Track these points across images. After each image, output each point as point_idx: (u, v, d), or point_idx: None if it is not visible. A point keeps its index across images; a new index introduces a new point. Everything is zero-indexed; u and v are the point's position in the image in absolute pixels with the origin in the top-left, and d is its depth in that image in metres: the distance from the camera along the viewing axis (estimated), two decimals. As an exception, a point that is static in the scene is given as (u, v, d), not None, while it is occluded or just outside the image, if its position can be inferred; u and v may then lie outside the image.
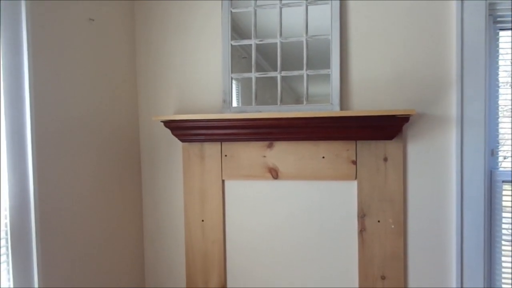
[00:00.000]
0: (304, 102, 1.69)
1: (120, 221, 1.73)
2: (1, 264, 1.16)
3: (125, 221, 1.77)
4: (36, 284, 1.22)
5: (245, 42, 1.74)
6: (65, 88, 1.40)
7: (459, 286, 1.61)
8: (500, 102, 1.61)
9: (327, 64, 1.66)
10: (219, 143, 1.78)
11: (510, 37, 1.59)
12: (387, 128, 1.57)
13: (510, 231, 1.60)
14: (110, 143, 1.66)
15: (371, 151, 1.67)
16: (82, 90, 1.49)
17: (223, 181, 1.80)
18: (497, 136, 1.61)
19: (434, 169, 1.63)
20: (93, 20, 1.54)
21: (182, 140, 1.76)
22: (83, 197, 1.49)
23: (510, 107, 1.60)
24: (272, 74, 1.73)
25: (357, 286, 1.71)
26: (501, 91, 1.61)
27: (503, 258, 1.61)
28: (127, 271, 1.79)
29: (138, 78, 1.88)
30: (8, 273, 1.19)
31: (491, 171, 1.60)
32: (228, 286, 1.84)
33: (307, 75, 1.68)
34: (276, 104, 1.72)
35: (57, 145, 1.35)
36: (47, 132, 1.31)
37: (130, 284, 1.81)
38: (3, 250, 1.17)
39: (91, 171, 1.54)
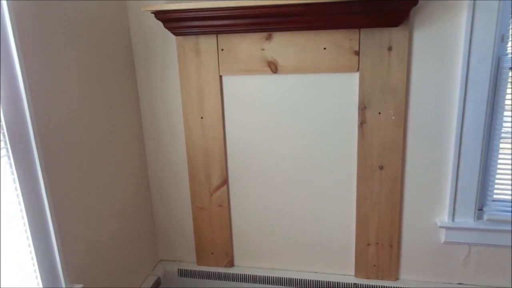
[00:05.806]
0: (305, -13, 1.56)
1: (118, 121, 1.71)
2: (1, 158, 1.16)
3: (123, 121, 1.75)
4: (40, 177, 1.24)
5: None
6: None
7: (455, 175, 1.65)
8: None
9: None
10: (215, 36, 1.69)
11: None
12: (393, 12, 1.47)
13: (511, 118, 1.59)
14: (98, 38, 1.56)
15: (375, 40, 1.58)
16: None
17: (220, 76, 1.75)
18: (509, 19, 1.52)
19: (440, 57, 1.56)
20: None
21: (175, 34, 1.66)
22: (76, 97, 1.44)
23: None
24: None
25: (355, 175, 1.75)
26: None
27: (501, 146, 1.62)
28: (130, 171, 1.82)
29: (123, -35, 1.72)
30: (11, 166, 1.20)
31: (499, 58, 1.54)
32: (230, 181, 1.89)
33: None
34: (275, -10, 1.59)
35: (42, 44, 1.27)
36: (30, 28, 1.21)
37: (135, 184, 1.86)
38: (2, 144, 1.16)
39: (81, 69, 1.47)
